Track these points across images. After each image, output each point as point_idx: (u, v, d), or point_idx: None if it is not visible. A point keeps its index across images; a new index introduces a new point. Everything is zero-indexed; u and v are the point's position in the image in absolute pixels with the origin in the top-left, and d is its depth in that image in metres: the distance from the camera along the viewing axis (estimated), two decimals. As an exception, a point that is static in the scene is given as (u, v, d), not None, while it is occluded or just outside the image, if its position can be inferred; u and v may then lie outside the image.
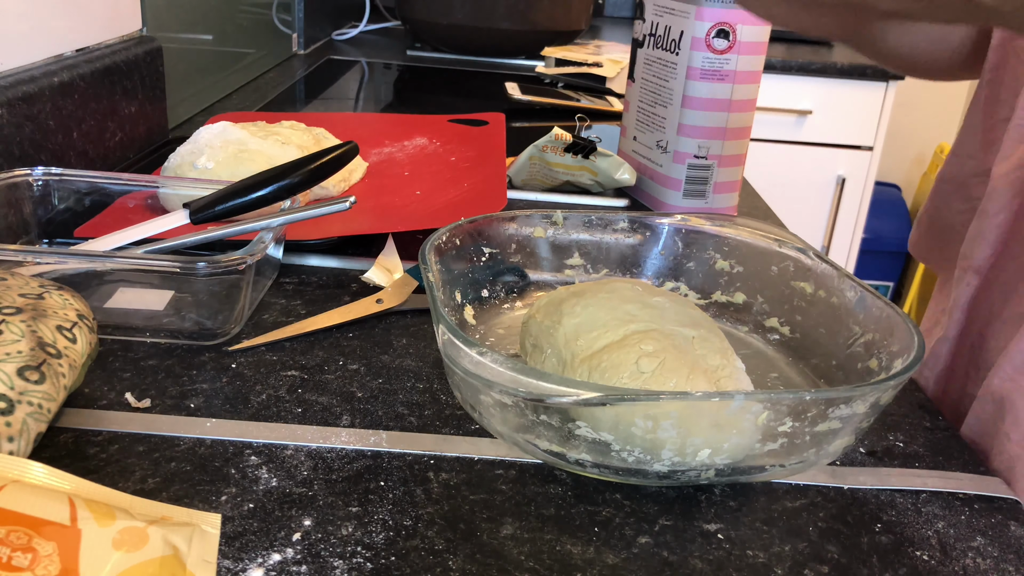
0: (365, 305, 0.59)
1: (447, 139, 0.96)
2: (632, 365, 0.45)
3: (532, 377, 0.40)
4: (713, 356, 0.48)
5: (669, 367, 0.45)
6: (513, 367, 0.40)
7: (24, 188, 0.63)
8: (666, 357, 0.46)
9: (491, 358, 0.41)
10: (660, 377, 0.45)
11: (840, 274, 0.55)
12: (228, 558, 0.37)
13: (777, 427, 0.41)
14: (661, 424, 0.41)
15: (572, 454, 0.43)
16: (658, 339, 0.47)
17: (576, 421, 0.42)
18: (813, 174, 2.22)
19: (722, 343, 0.49)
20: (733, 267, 0.61)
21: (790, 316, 0.58)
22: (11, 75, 0.69)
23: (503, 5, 1.53)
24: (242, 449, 0.44)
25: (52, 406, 0.40)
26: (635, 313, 0.49)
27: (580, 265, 0.63)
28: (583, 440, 0.42)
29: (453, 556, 0.38)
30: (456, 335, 0.42)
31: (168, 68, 0.95)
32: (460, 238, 0.57)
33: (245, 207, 0.61)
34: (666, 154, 0.81)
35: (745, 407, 0.41)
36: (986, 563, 0.41)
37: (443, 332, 0.43)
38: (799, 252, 0.58)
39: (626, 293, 0.51)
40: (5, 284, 0.43)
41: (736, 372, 0.48)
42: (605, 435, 0.42)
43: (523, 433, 0.44)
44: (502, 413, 0.44)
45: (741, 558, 0.40)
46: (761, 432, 0.41)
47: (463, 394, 0.46)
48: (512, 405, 0.43)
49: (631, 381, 0.45)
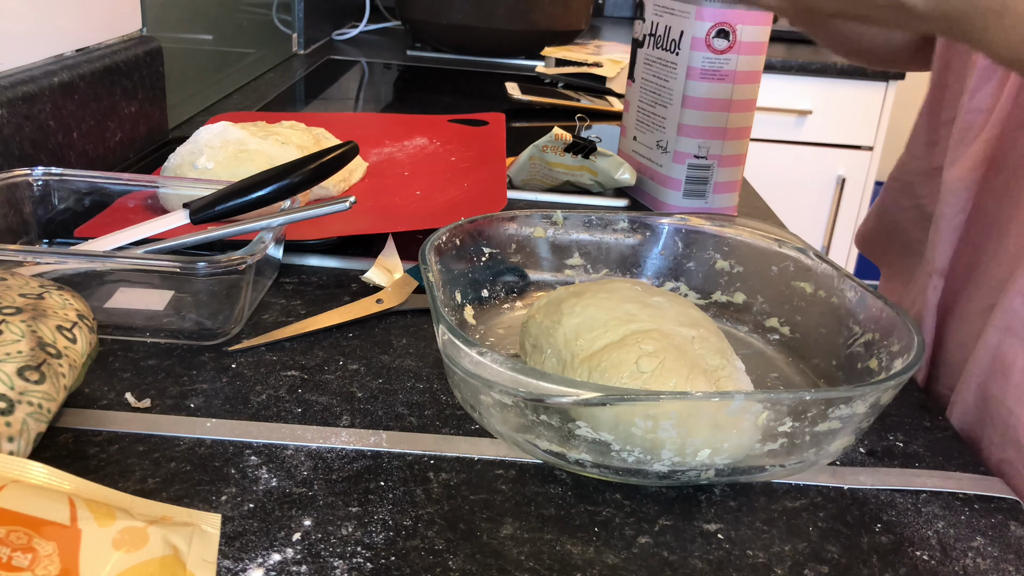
0: (365, 305, 0.59)
1: (447, 139, 0.96)
2: (632, 365, 0.45)
3: (532, 377, 0.40)
4: (713, 356, 0.47)
5: (669, 367, 0.45)
6: (513, 367, 0.40)
7: (24, 188, 0.63)
8: (666, 357, 0.46)
9: (491, 358, 0.41)
10: (660, 377, 0.45)
11: (840, 274, 0.55)
12: (228, 558, 0.37)
13: (777, 427, 0.41)
14: (661, 424, 0.41)
15: (572, 454, 0.43)
16: (658, 339, 0.47)
17: (576, 421, 0.42)
18: (813, 174, 2.22)
19: (721, 343, 0.49)
20: (733, 267, 0.61)
21: (790, 316, 0.58)
22: (11, 75, 0.69)
23: (503, 5, 1.53)
24: (242, 449, 0.44)
25: (52, 406, 0.40)
26: (635, 313, 0.49)
27: (580, 265, 0.63)
28: (583, 440, 0.42)
29: (453, 556, 0.38)
30: (456, 335, 0.42)
31: (168, 68, 0.95)
32: (460, 238, 0.57)
33: (245, 207, 0.61)
34: (666, 154, 0.81)
35: (745, 407, 0.41)
36: (986, 563, 0.41)
37: (443, 332, 0.43)
38: (799, 252, 0.58)
39: (626, 293, 0.51)
40: (5, 284, 0.43)
41: (736, 372, 0.48)
42: (605, 435, 0.42)
43: (523, 433, 0.44)
44: (502, 413, 0.44)
45: (741, 558, 0.40)
46: (761, 432, 0.41)
47: (463, 394, 0.46)
48: (512, 405, 0.43)
49: (631, 381, 0.45)
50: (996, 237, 0.58)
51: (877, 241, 0.79)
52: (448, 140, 0.96)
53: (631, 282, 0.56)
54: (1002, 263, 0.57)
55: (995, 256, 0.58)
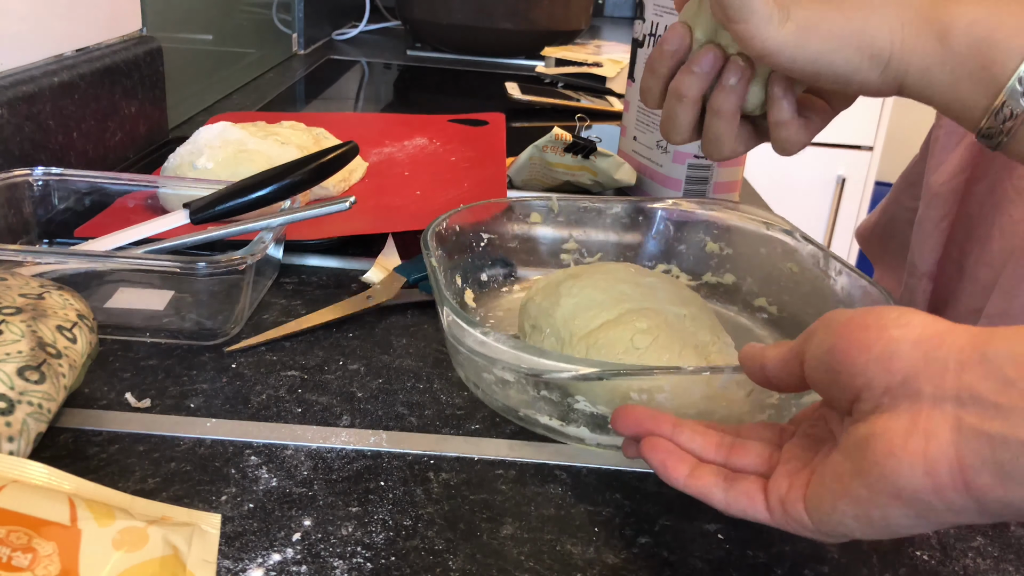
0: (355, 302, 0.59)
1: (447, 139, 0.96)
2: (627, 342, 0.47)
3: (533, 354, 0.42)
4: (704, 333, 0.49)
5: (662, 343, 0.47)
6: (515, 345, 0.42)
7: (24, 188, 0.63)
8: (659, 334, 0.48)
9: (494, 337, 0.42)
10: (654, 352, 0.47)
11: (825, 254, 0.56)
12: (228, 558, 0.37)
13: (765, 399, 0.43)
14: (655, 397, 0.43)
15: (571, 428, 0.45)
16: (651, 317, 0.49)
17: (575, 395, 0.44)
18: (813, 174, 2.22)
19: (711, 321, 0.51)
20: (723, 249, 0.63)
21: (777, 296, 0.60)
22: (11, 75, 0.69)
23: (503, 5, 1.53)
24: (242, 449, 0.44)
25: (52, 406, 0.40)
26: (629, 293, 0.51)
27: (575, 250, 0.64)
28: (581, 414, 0.44)
29: (453, 556, 0.38)
30: (460, 316, 0.44)
31: (168, 68, 0.95)
32: (459, 224, 0.59)
33: (245, 207, 0.61)
34: (666, 154, 0.81)
35: (734, 380, 0.42)
36: (986, 563, 0.41)
37: (447, 314, 0.45)
38: (786, 234, 0.60)
39: (620, 274, 0.54)
40: (5, 284, 0.43)
41: (725, 347, 0.50)
42: (602, 408, 0.44)
43: (525, 408, 0.46)
44: (504, 390, 0.46)
45: (741, 558, 0.40)
46: (750, 404, 0.43)
47: (466, 372, 0.48)
48: (514, 382, 0.45)
49: (626, 356, 0.47)
50: (980, 240, 0.58)
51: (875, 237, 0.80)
52: (448, 140, 0.96)
53: (625, 265, 0.57)
54: (987, 266, 0.57)
55: (980, 259, 0.58)
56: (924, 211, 0.62)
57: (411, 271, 0.62)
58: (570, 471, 0.45)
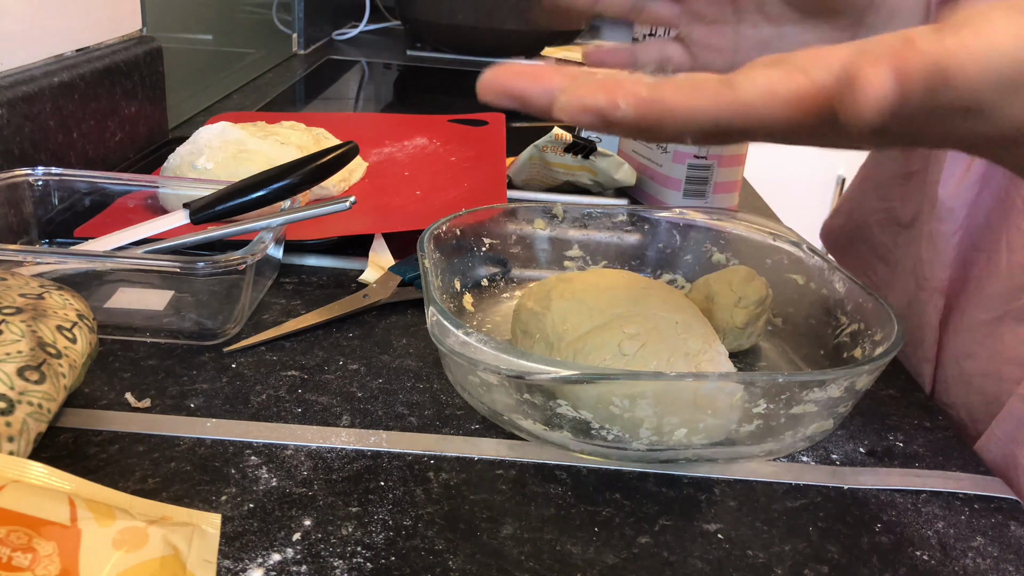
0: (351, 301, 0.59)
1: (447, 139, 0.96)
2: (615, 347, 0.47)
3: (514, 355, 0.41)
4: (695, 340, 0.49)
5: (650, 350, 0.47)
6: (497, 347, 0.41)
7: (24, 188, 0.63)
8: (648, 340, 0.47)
9: (476, 338, 0.42)
10: (641, 359, 0.46)
11: (831, 267, 0.56)
12: (228, 558, 0.37)
13: (752, 408, 0.42)
14: (638, 403, 0.42)
15: (555, 433, 0.45)
16: (641, 323, 0.48)
17: (558, 399, 0.44)
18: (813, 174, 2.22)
19: (705, 328, 0.51)
20: (729, 260, 0.63)
21: (782, 307, 0.59)
22: (11, 75, 0.69)
23: (503, 5, 1.53)
24: (242, 449, 0.44)
25: (52, 406, 0.40)
26: (620, 298, 0.51)
27: (579, 257, 0.64)
28: (565, 418, 0.44)
29: (453, 556, 0.38)
30: (445, 316, 0.43)
31: (168, 68, 0.95)
32: (460, 228, 0.59)
33: (245, 207, 0.61)
34: (666, 154, 0.81)
35: (720, 387, 0.42)
36: (986, 563, 0.41)
37: (432, 314, 0.44)
38: (793, 245, 0.60)
39: (613, 280, 0.53)
40: (5, 284, 0.43)
41: (717, 356, 0.49)
42: (585, 413, 0.43)
43: (509, 412, 0.46)
44: (489, 393, 0.45)
45: (741, 558, 0.40)
46: (737, 413, 0.43)
47: (454, 375, 0.48)
48: (498, 384, 0.44)
49: (613, 362, 0.46)
50: (987, 252, 0.58)
51: (842, 238, 0.79)
52: (448, 140, 0.96)
53: (619, 271, 0.57)
54: (995, 279, 0.57)
55: (987, 272, 0.58)
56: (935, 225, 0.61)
57: (407, 270, 0.62)
58: (570, 471, 0.45)
